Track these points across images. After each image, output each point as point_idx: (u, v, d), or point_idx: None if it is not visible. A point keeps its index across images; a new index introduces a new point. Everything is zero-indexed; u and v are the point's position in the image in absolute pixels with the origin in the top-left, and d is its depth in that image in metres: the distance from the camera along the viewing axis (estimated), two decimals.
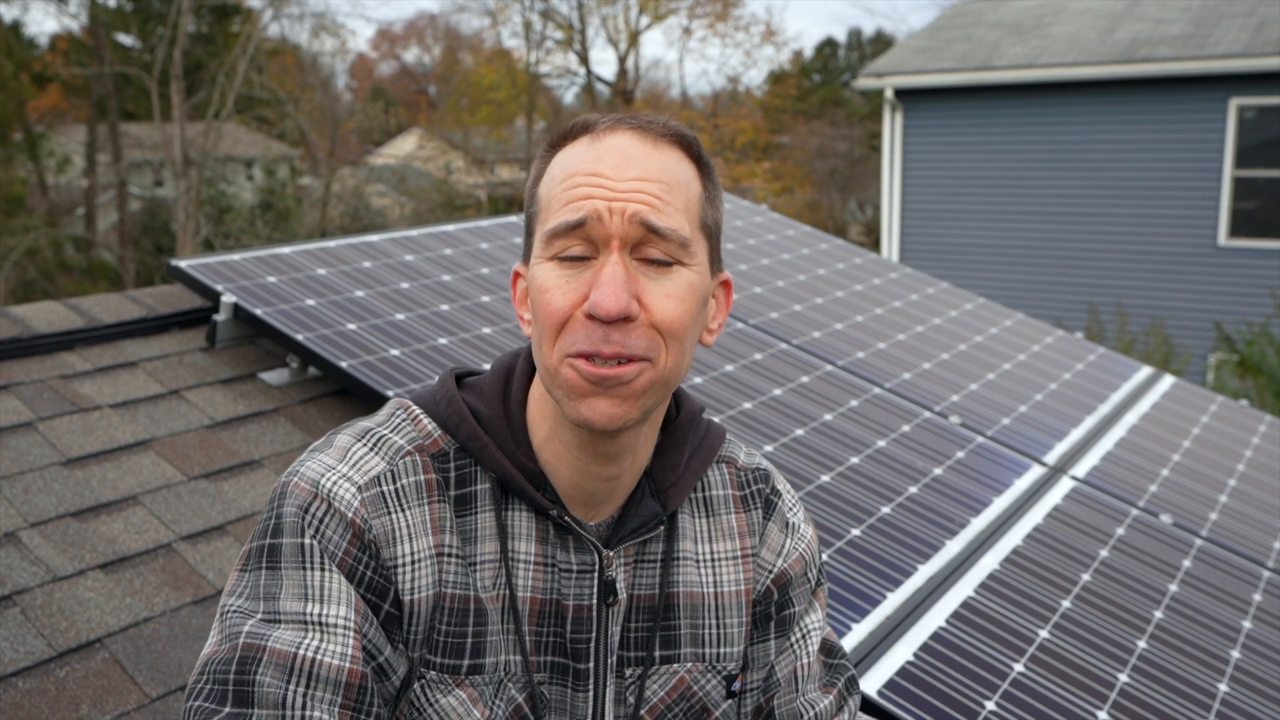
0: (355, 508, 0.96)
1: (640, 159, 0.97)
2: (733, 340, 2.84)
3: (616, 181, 0.96)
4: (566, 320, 0.96)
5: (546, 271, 0.97)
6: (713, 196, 1.04)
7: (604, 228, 0.95)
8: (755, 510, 1.15)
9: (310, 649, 0.90)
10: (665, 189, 0.97)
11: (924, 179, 12.21)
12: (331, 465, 0.98)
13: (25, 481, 1.97)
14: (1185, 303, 11.09)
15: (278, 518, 0.96)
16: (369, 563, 0.95)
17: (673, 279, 0.97)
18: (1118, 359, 3.53)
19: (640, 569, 1.08)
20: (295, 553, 0.94)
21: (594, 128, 1.00)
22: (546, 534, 1.03)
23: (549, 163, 1.03)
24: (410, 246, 3.05)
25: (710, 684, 1.11)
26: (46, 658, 1.61)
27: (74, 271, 20.39)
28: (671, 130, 1.01)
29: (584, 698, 1.04)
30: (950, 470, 2.43)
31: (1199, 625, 2.09)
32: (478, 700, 0.99)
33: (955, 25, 13.30)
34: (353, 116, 28.53)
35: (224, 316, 2.53)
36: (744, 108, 30.13)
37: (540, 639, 1.03)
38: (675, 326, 0.96)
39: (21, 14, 30.92)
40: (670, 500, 1.08)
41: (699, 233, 1.00)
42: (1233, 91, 10.61)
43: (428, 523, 0.98)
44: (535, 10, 27.41)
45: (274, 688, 0.88)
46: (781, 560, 1.15)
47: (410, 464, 1.00)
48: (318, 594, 0.93)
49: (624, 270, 0.95)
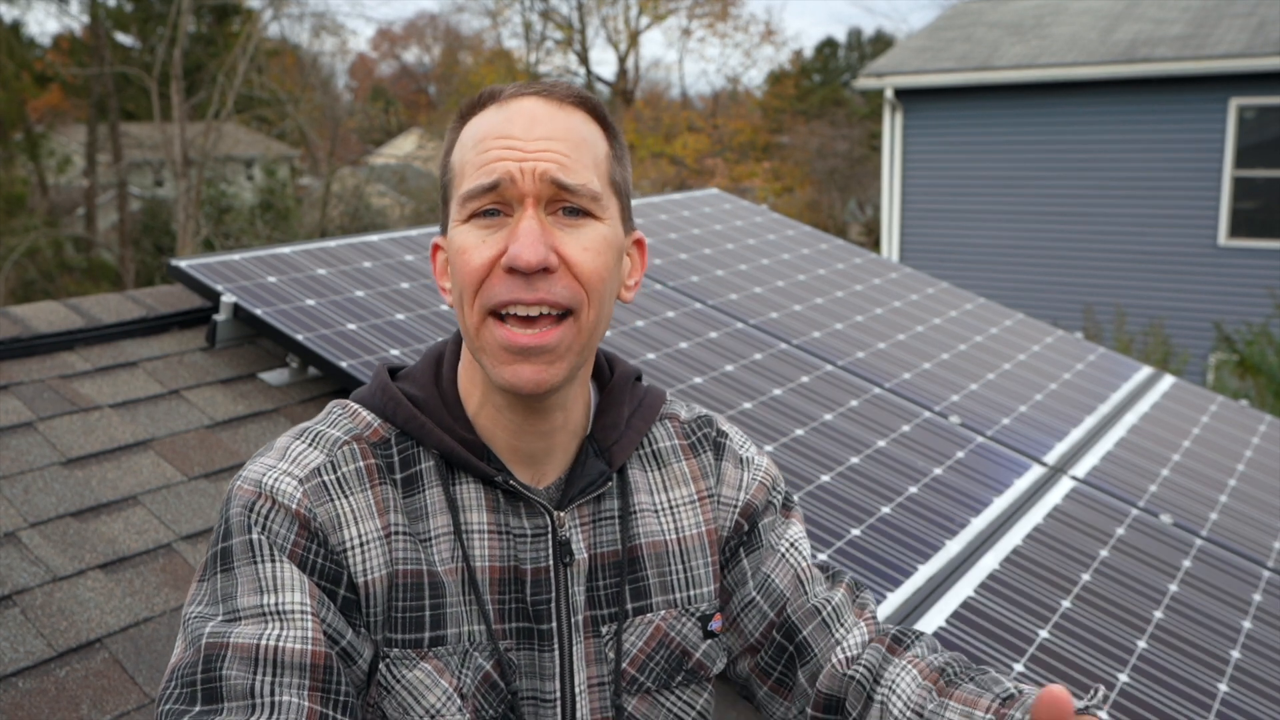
0: (298, 499, 0.97)
1: (546, 120, 1.01)
2: (733, 340, 2.84)
3: (526, 142, 0.99)
4: (485, 277, 0.98)
5: (464, 233, 1.01)
6: (620, 155, 1.07)
7: (517, 187, 0.98)
8: (705, 454, 1.18)
9: (272, 638, 0.91)
10: (573, 146, 1.00)
11: (924, 179, 12.21)
12: (272, 464, 1.00)
13: (25, 481, 1.97)
14: (1185, 303, 11.09)
15: (225, 521, 0.98)
16: (318, 550, 0.97)
17: (587, 231, 1.00)
18: (1118, 359, 3.53)
19: (599, 528, 1.09)
20: (245, 549, 0.96)
21: (500, 96, 1.04)
22: (497, 503, 1.05)
23: (459, 132, 1.06)
24: (410, 246, 3.05)
25: (686, 627, 1.13)
26: (46, 658, 1.61)
27: (74, 271, 20.39)
28: (575, 93, 1.05)
29: (550, 658, 1.05)
30: (950, 470, 2.43)
31: (1199, 625, 2.09)
32: (444, 670, 1.01)
33: (955, 25, 13.30)
34: (353, 116, 28.53)
35: (224, 316, 2.53)
36: (743, 108, 30.14)
37: (503, 606, 1.04)
38: (594, 278, 1.00)
39: (22, 14, 30.91)
40: (615, 457, 1.10)
41: (609, 189, 1.04)
42: (1233, 91, 10.62)
43: (372, 506, 1.00)
44: (535, 10, 27.42)
45: (240, 680, 0.89)
46: (743, 493, 1.18)
47: (348, 452, 1.02)
48: (271, 584, 0.94)
49: (539, 224, 0.98)
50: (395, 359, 2.34)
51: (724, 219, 3.91)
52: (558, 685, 1.06)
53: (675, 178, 24.65)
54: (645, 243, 1.13)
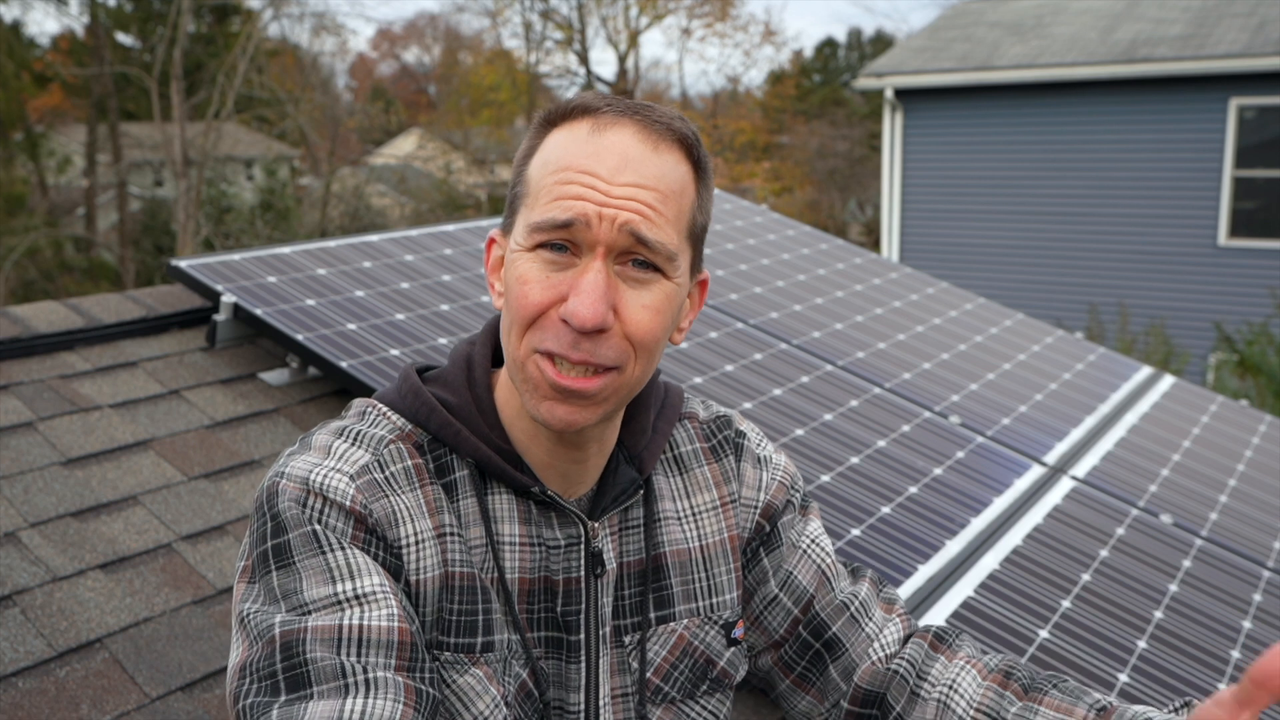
0: (352, 495, 0.93)
1: (638, 162, 0.94)
2: (733, 340, 2.84)
3: (611, 185, 0.93)
4: (539, 316, 0.95)
5: (527, 263, 0.96)
6: (704, 200, 1.02)
7: (591, 233, 0.93)
8: (727, 457, 1.16)
9: (355, 618, 0.88)
10: (660, 199, 0.95)
11: (924, 179, 12.21)
12: (317, 462, 0.95)
13: (25, 481, 1.97)
14: (1185, 303, 11.10)
15: (274, 518, 0.93)
16: (378, 544, 0.93)
17: (652, 291, 0.96)
18: (1118, 359, 3.53)
19: (625, 536, 1.08)
20: (307, 541, 0.91)
21: (595, 113, 0.97)
22: (529, 514, 1.03)
23: (543, 140, 1.00)
24: (410, 246, 3.05)
25: (710, 635, 1.12)
26: (46, 658, 1.61)
27: (74, 271, 20.39)
28: (674, 130, 0.98)
29: (577, 669, 1.04)
30: (950, 470, 2.43)
31: (1199, 625, 2.09)
32: (493, 678, 0.98)
33: (955, 25, 13.30)
34: (353, 116, 28.54)
35: (224, 316, 2.53)
36: (743, 108, 30.15)
37: (532, 616, 1.03)
38: (648, 339, 0.96)
39: (22, 14, 30.91)
40: (645, 464, 1.08)
41: (686, 242, 0.99)
42: (1233, 91, 10.62)
43: (423, 505, 0.97)
44: (535, 10, 27.43)
45: (328, 661, 0.85)
46: (763, 494, 1.16)
47: (395, 451, 0.99)
48: (344, 572, 0.90)
49: (605, 280, 0.93)
50: (396, 359, 2.34)
51: (724, 219, 3.91)
52: (582, 697, 1.04)
53: None
54: (708, 282, 1.08)
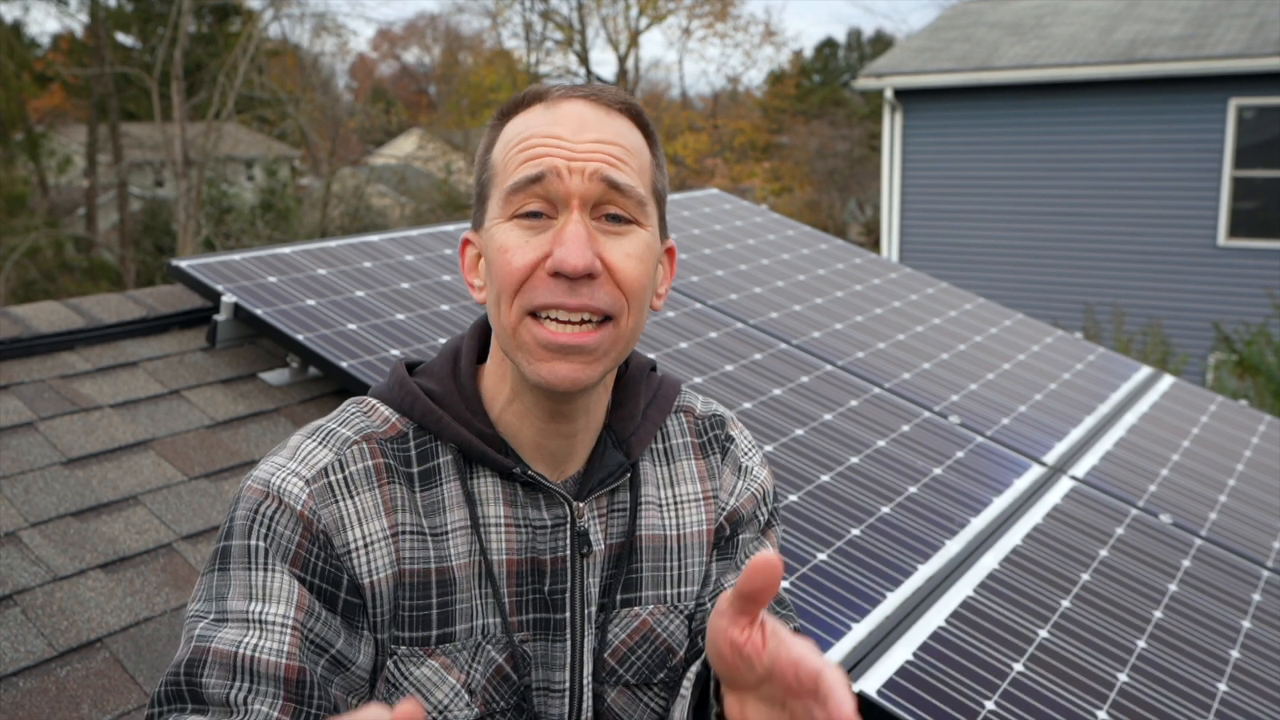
0: (303, 500, 0.99)
1: (595, 124, 1.00)
2: (733, 340, 2.84)
3: (575, 143, 0.98)
4: (527, 279, 0.98)
5: (505, 231, 0.99)
6: (660, 164, 1.08)
7: (563, 184, 0.97)
8: (714, 455, 1.19)
9: (249, 647, 0.94)
10: (623, 151, 1.00)
11: (924, 179, 12.21)
12: (282, 464, 1.01)
13: (26, 481, 1.98)
14: (1184, 303, 11.10)
15: (230, 521, 1.00)
16: (319, 553, 0.98)
17: (631, 239, 1.00)
18: (1117, 359, 3.53)
19: (611, 520, 1.10)
20: (242, 554, 0.98)
21: (546, 96, 1.03)
22: (514, 495, 1.06)
23: (501, 130, 1.05)
24: (410, 246, 3.05)
25: (674, 624, 1.13)
26: (47, 657, 1.61)
27: (74, 271, 20.39)
28: (622, 99, 1.04)
29: (562, 648, 1.06)
30: (950, 470, 2.44)
31: (1198, 625, 2.10)
32: (450, 667, 1.02)
33: (955, 25, 13.30)
34: (353, 117, 28.53)
35: (224, 316, 2.53)
36: (743, 108, 30.15)
37: (520, 598, 1.05)
38: (636, 285, 1.00)
39: (22, 14, 30.90)
40: (633, 448, 1.11)
41: (651, 196, 1.04)
42: (1232, 91, 10.62)
43: (379, 505, 1.01)
44: (535, 11, 27.43)
45: (219, 687, 0.92)
46: (734, 499, 1.18)
47: (357, 451, 1.03)
48: (260, 593, 0.96)
49: (585, 228, 0.97)
50: (396, 358, 2.34)
51: (724, 219, 3.91)
52: (567, 675, 1.07)
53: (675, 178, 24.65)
54: (675, 251, 1.13)
